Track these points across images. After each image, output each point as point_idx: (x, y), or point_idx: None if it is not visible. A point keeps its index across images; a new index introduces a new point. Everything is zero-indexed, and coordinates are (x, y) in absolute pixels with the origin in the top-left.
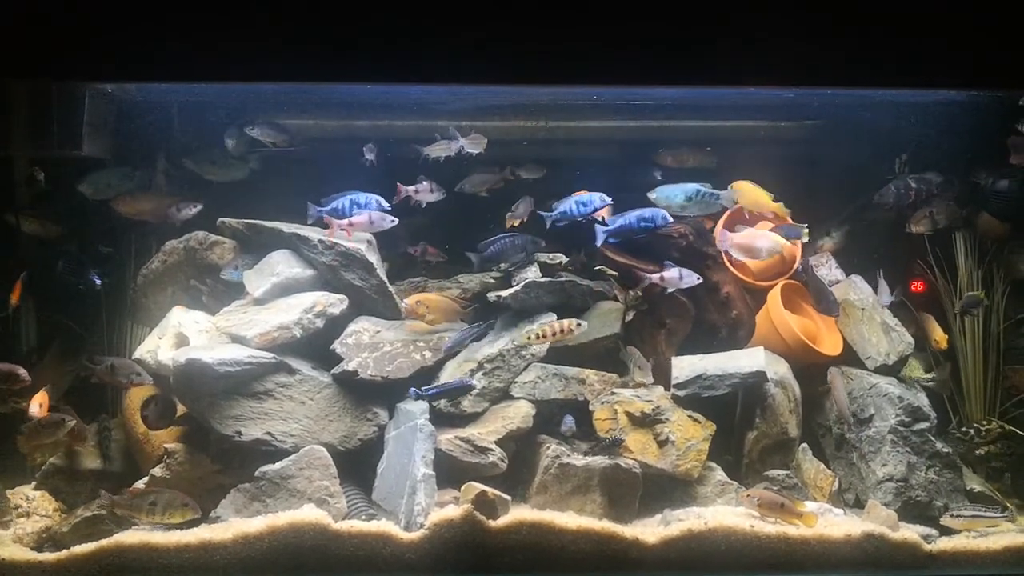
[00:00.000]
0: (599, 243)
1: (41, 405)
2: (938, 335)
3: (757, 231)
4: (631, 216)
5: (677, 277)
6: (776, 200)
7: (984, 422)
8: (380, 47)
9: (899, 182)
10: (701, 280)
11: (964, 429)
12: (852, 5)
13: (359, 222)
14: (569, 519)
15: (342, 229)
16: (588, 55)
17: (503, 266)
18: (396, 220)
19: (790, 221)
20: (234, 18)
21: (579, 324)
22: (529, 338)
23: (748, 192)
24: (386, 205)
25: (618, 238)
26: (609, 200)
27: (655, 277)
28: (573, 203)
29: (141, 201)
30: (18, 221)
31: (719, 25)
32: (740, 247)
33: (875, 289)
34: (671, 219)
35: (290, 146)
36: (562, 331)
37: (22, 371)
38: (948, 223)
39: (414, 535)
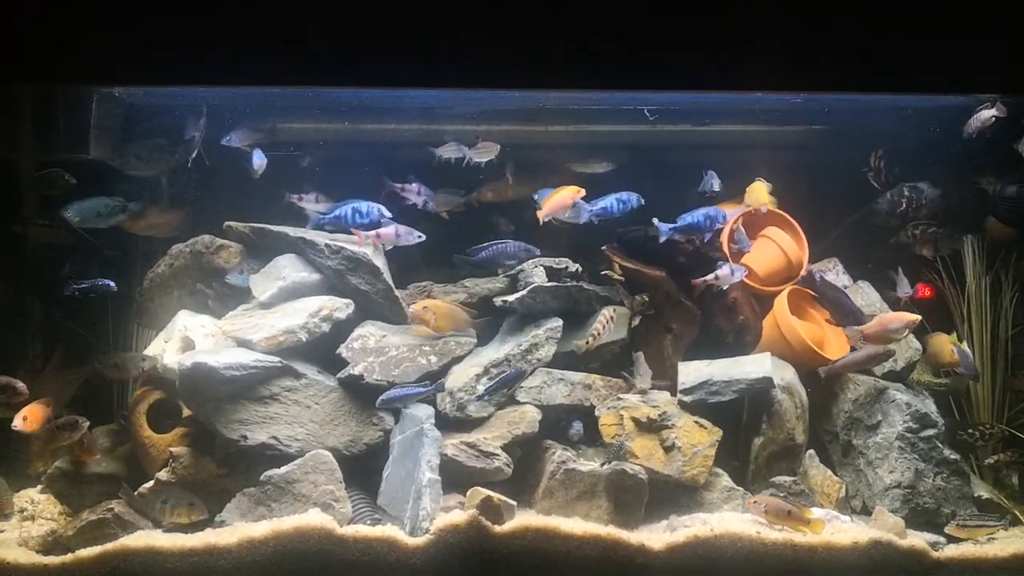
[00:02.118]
0: (662, 240)
1: (26, 419)
2: (952, 347)
3: (884, 317)
4: (698, 214)
5: (729, 274)
6: (775, 197)
7: (987, 425)
8: (384, 51)
9: (895, 190)
10: (747, 272)
11: (970, 431)
12: (848, 9)
13: (386, 234)
14: (575, 525)
15: (368, 240)
16: (590, 59)
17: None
18: (423, 236)
19: (774, 209)
20: (239, 23)
21: (615, 309)
22: (587, 342)
23: (755, 192)
24: (387, 213)
25: (683, 236)
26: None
27: (710, 277)
28: (702, 216)
29: (151, 216)
30: (26, 230)
31: (719, 27)
32: (873, 336)
33: (895, 285)
34: (728, 217)
35: (266, 143)
36: (608, 321)
37: (20, 384)
38: (949, 251)
39: (419, 540)
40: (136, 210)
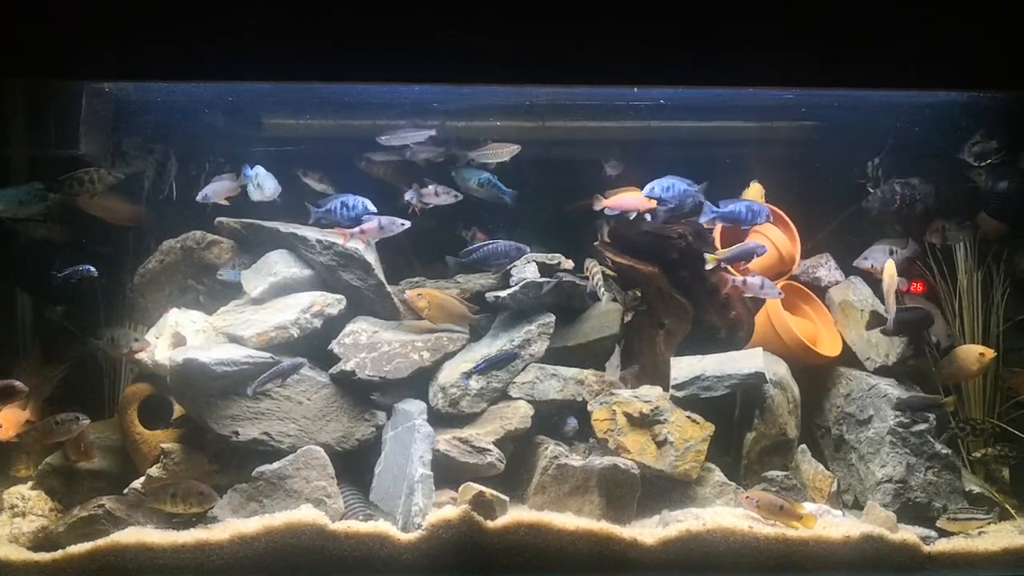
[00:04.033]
0: (704, 221)
1: (2, 427)
2: (980, 350)
3: (886, 287)
4: (740, 204)
5: (759, 286)
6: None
7: (978, 419)
8: (380, 45)
9: (886, 187)
10: (783, 296)
11: (960, 424)
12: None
13: (369, 228)
14: (567, 520)
15: (353, 236)
16: (586, 56)
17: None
18: (407, 224)
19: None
20: (232, 17)
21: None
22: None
23: (751, 192)
24: (372, 208)
25: (725, 222)
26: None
27: (739, 281)
28: (744, 207)
29: (117, 203)
30: (18, 226)
31: (718, 26)
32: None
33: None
34: (771, 217)
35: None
36: (596, 269)
37: (19, 384)
38: (958, 240)
39: (411, 536)
40: (55, 200)
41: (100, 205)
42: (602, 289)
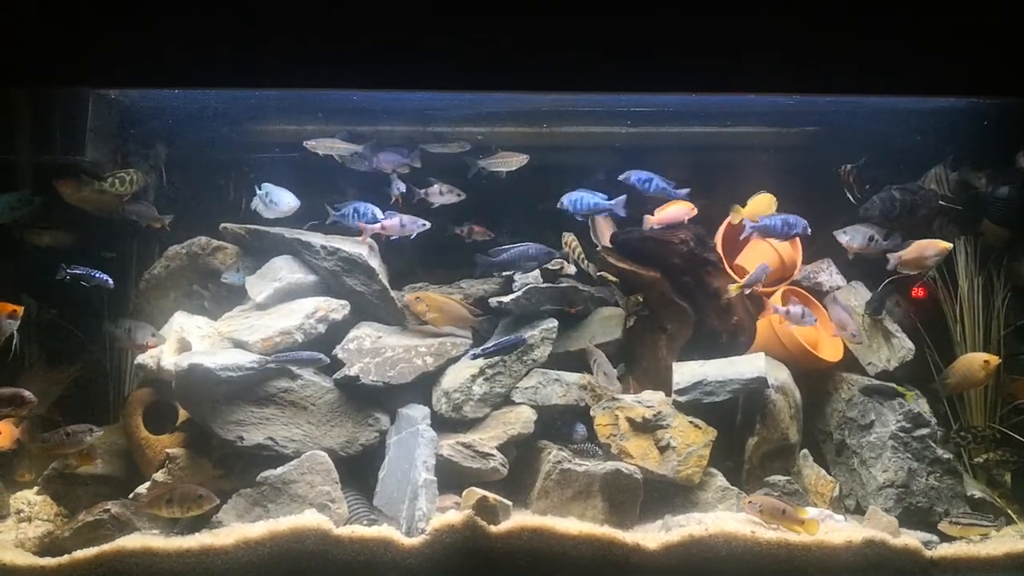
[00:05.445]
0: (742, 237)
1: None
2: (984, 357)
3: (921, 243)
4: (776, 219)
5: (800, 315)
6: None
7: (980, 427)
8: (379, 52)
9: (883, 194)
10: (816, 321)
11: (962, 433)
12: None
13: (391, 225)
14: (570, 524)
15: (376, 232)
16: (587, 62)
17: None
18: (427, 224)
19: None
20: (234, 25)
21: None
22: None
23: (757, 204)
24: (380, 215)
25: (762, 235)
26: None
27: (781, 310)
28: (779, 221)
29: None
30: (23, 232)
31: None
32: (910, 262)
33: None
34: (810, 230)
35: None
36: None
37: (27, 394)
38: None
39: (415, 540)
40: (39, 203)
41: (90, 199)
42: (584, 261)
